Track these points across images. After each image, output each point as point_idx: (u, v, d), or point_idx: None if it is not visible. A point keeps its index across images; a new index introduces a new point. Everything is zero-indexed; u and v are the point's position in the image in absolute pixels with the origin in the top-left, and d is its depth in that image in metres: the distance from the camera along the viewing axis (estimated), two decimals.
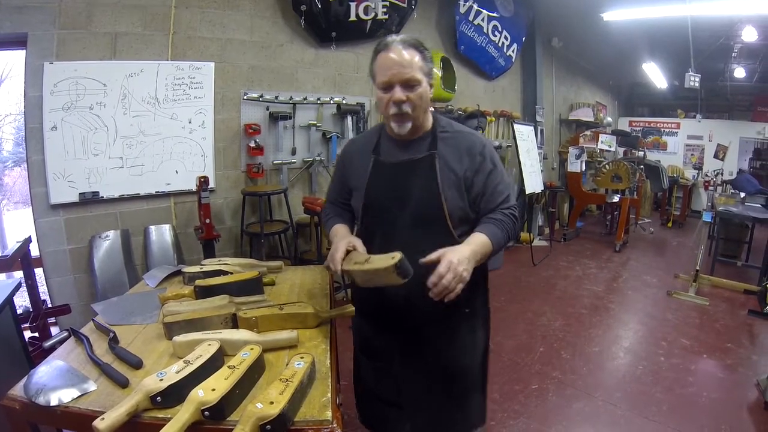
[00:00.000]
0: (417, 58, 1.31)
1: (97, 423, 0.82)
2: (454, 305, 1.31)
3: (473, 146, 1.40)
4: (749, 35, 5.49)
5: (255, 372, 0.94)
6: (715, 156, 10.42)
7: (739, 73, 8.36)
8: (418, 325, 1.44)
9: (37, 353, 1.93)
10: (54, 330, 2.61)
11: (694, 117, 10.33)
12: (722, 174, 9.08)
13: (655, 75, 8.51)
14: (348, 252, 1.30)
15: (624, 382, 2.78)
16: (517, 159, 5.07)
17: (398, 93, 1.29)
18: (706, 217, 6.17)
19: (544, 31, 6.33)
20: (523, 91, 6.26)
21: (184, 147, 3.14)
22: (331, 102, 3.76)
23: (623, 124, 10.74)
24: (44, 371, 1.04)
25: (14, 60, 3.83)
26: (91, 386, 1.00)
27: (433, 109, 1.47)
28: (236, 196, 3.35)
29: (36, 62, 2.58)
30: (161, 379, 0.91)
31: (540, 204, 6.15)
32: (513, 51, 5.65)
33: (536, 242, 5.96)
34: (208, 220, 2.82)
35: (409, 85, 1.30)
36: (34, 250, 2.60)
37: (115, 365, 1.07)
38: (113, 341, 1.19)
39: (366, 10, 3.76)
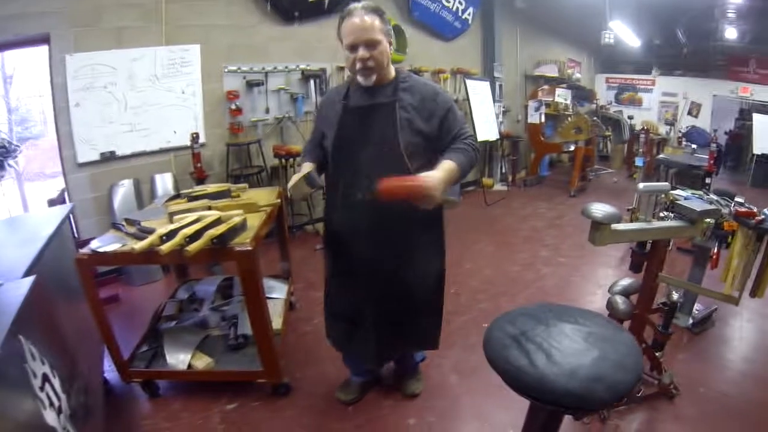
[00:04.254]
0: (377, 21, 1.56)
1: (135, 246, 1.64)
2: (412, 234, 1.70)
3: (429, 93, 1.67)
4: None
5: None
6: (689, 113, 10.88)
7: (731, 33, 8.34)
8: (380, 249, 1.71)
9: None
10: None
11: (653, 74, 10.80)
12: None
13: (625, 33, 8.92)
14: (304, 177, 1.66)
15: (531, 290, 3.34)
16: (469, 110, 5.71)
17: (362, 52, 1.54)
18: (639, 162, 6.92)
19: None
20: (484, 50, 6.77)
21: (180, 112, 3.90)
22: (297, 69, 4.46)
23: (600, 81, 11.22)
24: (98, 241, 1.85)
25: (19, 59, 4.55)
26: (125, 242, 1.81)
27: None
28: (222, 148, 4.14)
29: (58, 55, 3.30)
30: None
31: (499, 152, 6.73)
32: (469, 14, 6.19)
33: (497, 187, 6.58)
34: (199, 164, 3.64)
35: (371, 44, 1.55)
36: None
37: None
38: (137, 224, 2.00)
39: None
